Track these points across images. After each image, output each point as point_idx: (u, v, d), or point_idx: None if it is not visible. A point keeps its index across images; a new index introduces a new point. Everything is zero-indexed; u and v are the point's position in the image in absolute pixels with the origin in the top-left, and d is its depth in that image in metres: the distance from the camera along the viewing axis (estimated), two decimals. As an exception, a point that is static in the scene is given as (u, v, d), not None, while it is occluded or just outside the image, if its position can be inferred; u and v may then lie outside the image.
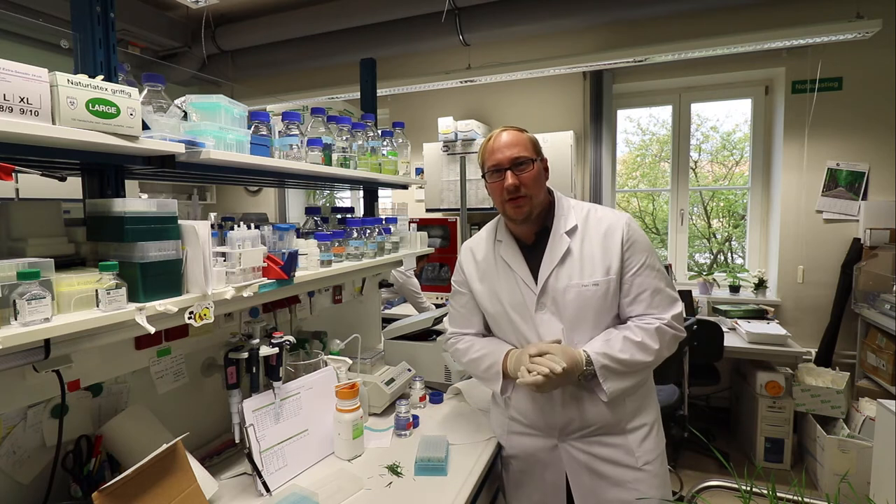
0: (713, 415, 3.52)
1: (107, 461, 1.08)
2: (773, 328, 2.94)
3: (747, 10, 3.18)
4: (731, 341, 2.90)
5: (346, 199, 4.80)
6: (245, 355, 1.24)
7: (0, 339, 0.70)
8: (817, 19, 2.91)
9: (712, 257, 4.33)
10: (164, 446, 0.99)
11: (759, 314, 3.21)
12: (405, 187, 2.15)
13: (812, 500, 1.21)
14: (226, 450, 1.38)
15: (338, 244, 1.46)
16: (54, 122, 0.80)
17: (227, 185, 4.89)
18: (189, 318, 0.96)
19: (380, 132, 1.84)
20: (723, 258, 4.30)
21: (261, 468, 1.19)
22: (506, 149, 1.24)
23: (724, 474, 2.57)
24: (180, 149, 1.00)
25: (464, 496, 1.18)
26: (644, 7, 3.06)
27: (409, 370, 1.78)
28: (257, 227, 1.17)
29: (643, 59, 3.20)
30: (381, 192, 2.43)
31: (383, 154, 1.80)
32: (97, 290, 0.84)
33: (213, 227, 1.04)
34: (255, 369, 1.27)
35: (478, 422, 1.56)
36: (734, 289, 3.54)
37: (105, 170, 1.06)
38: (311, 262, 1.37)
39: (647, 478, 1.25)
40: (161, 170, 1.04)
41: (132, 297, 0.89)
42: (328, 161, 1.50)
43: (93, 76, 0.85)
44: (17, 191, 2.40)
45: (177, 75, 4.22)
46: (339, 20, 3.55)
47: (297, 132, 1.38)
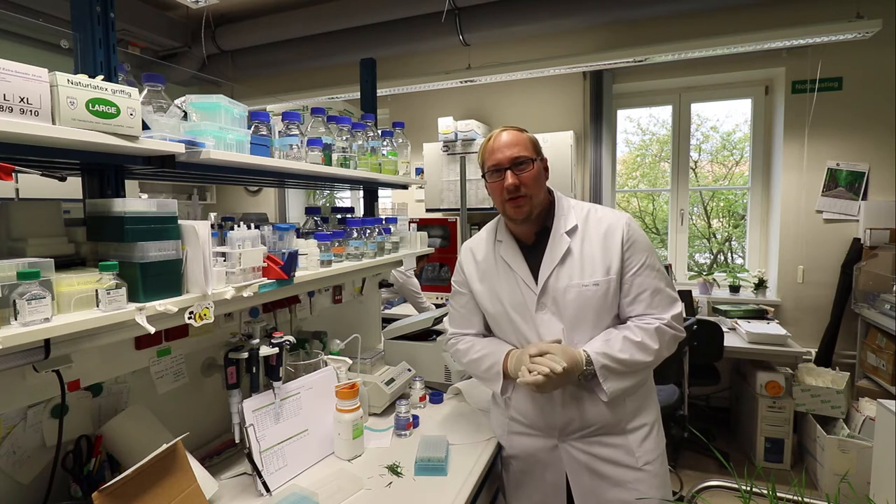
0: (713, 415, 3.52)
1: (107, 461, 1.08)
2: (773, 328, 2.94)
3: (747, 10, 3.18)
4: (731, 341, 2.90)
5: (346, 199, 4.80)
6: (245, 355, 1.24)
7: (0, 339, 0.70)
8: (817, 19, 2.91)
9: (712, 257, 4.33)
10: (164, 446, 0.99)
11: (759, 314, 3.21)
12: (405, 187, 2.15)
13: (812, 500, 1.21)
14: (226, 450, 1.38)
15: (338, 244, 1.46)
16: (54, 122, 0.80)
17: (227, 185, 4.90)
18: (189, 318, 0.96)
19: (380, 132, 1.84)
20: (723, 258, 4.29)
21: (261, 468, 1.19)
22: (506, 149, 1.24)
23: (724, 474, 2.57)
24: (180, 149, 1.00)
25: (464, 496, 1.18)
26: (644, 7, 3.06)
27: (409, 370, 1.77)
28: (257, 227, 1.16)
29: (643, 59, 3.20)
30: (381, 192, 2.43)
31: (383, 154, 1.80)
32: (97, 290, 0.84)
33: (213, 227, 1.04)
34: (255, 369, 1.27)
35: (478, 422, 1.56)
36: (734, 289, 3.54)
37: (105, 170, 1.06)
38: (311, 262, 1.37)
39: (647, 478, 1.25)
40: (161, 170, 1.04)
41: (132, 297, 0.89)
42: (328, 161, 1.50)
43: (93, 76, 0.85)
44: (17, 191, 2.40)
45: (177, 75, 4.22)
46: (339, 20, 3.55)
47: (297, 132, 1.38)
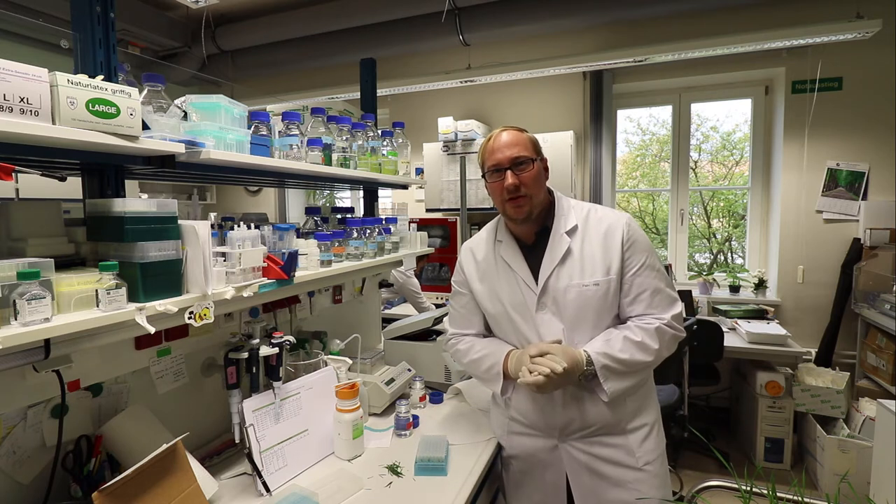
0: (713, 415, 3.52)
1: (107, 461, 1.08)
2: (773, 328, 2.94)
3: (747, 10, 3.18)
4: (731, 341, 2.90)
5: (346, 199, 4.80)
6: (245, 355, 1.24)
7: (0, 339, 0.70)
8: (817, 19, 2.91)
9: (712, 257, 4.33)
10: (164, 446, 0.99)
11: (759, 314, 3.21)
12: (405, 187, 2.15)
13: (812, 500, 1.21)
14: (226, 450, 1.38)
15: (338, 244, 1.46)
16: (54, 122, 0.80)
17: (227, 185, 4.90)
18: (189, 318, 0.96)
19: (380, 132, 1.84)
20: (723, 258, 4.29)
21: (261, 468, 1.19)
22: (506, 149, 1.24)
23: (724, 474, 2.57)
24: (180, 149, 1.00)
25: (464, 496, 1.18)
26: (644, 7, 3.06)
27: (409, 370, 1.77)
28: (257, 227, 1.17)
29: (643, 59, 3.20)
30: (381, 192, 2.43)
31: (383, 154, 1.80)
32: (97, 290, 0.84)
33: (213, 227, 1.04)
34: (255, 369, 1.27)
35: (478, 422, 1.56)
36: (734, 289, 3.54)
37: (105, 170, 1.06)
38: (311, 262, 1.37)
39: (647, 478, 1.25)
40: (161, 170, 1.04)
41: (132, 297, 0.89)
42: (328, 161, 1.50)
43: (93, 76, 0.85)
44: (17, 191, 2.40)
45: (177, 75, 4.22)
46: (339, 20, 3.55)
47: (297, 132, 1.38)
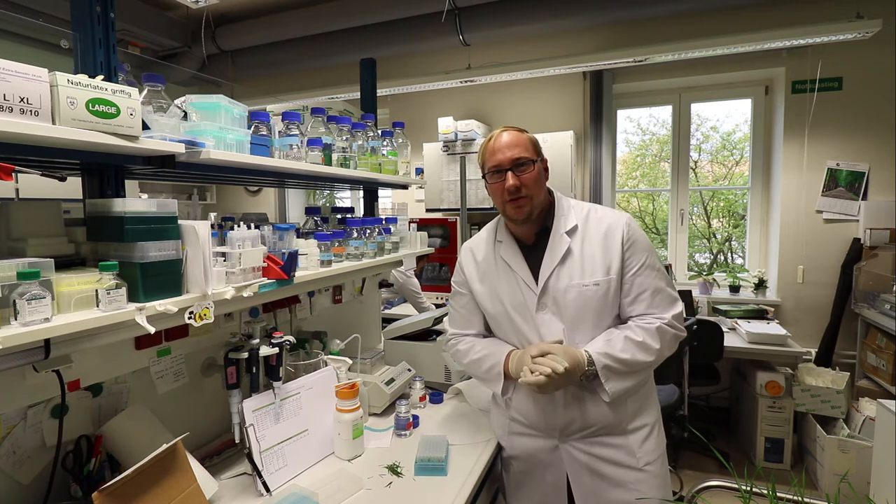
0: (713, 415, 3.52)
1: (107, 461, 1.08)
2: (773, 328, 2.94)
3: (747, 10, 3.18)
4: (731, 341, 2.90)
5: (346, 199, 4.80)
6: (245, 355, 1.24)
7: (0, 339, 0.70)
8: (817, 19, 2.91)
9: (712, 257, 4.33)
10: (164, 446, 0.99)
11: (759, 314, 3.21)
12: (405, 187, 2.15)
13: (812, 500, 1.21)
14: (226, 450, 1.38)
15: (338, 244, 1.46)
16: (54, 122, 0.80)
17: (227, 185, 4.89)
18: (189, 318, 0.96)
19: (380, 132, 1.84)
20: (723, 258, 4.29)
21: (261, 468, 1.19)
22: (506, 149, 1.24)
23: (724, 474, 2.57)
24: (180, 149, 1.00)
25: (464, 496, 1.18)
26: (644, 7, 3.06)
27: (409, 370, 1.77)
28: (257, 227, 1.16)
29: (643, 59, 3.20)
30: (381, 192, 2.43)
31: (383, 154, 1.80)
32: (97, 290, 0.84)
33: (213, 227, 1.04)
34: (255, 369, 1.27)
35: (478, 422, 1.56)
36: (734, 289, 3.54)
37: (105, 170, 1.06)
38: (311, 262, 1.37)
39: (648, 478, 1.25)
40: (161, 170, 1.04)
41: (132, 297, 0.89)
42: (328, 161, 1.50)
43: (93, 76, 0.85)
44: (17, 191, 2.40)
45: (177, 75, 4.22)
46: (339, 20, 3.55)
47: (297, 132, 1.38)
